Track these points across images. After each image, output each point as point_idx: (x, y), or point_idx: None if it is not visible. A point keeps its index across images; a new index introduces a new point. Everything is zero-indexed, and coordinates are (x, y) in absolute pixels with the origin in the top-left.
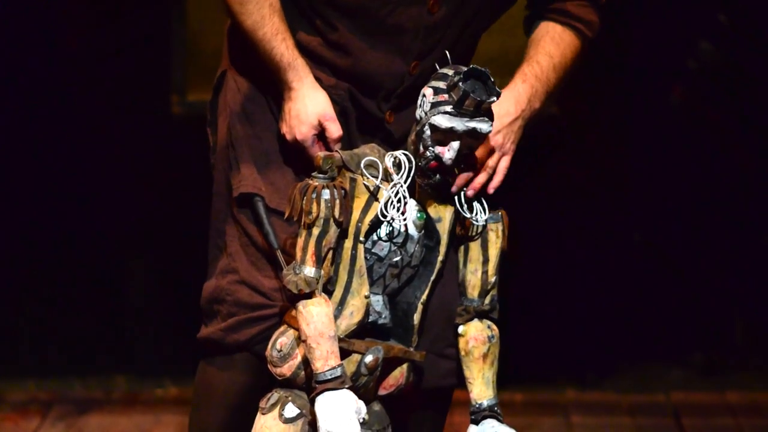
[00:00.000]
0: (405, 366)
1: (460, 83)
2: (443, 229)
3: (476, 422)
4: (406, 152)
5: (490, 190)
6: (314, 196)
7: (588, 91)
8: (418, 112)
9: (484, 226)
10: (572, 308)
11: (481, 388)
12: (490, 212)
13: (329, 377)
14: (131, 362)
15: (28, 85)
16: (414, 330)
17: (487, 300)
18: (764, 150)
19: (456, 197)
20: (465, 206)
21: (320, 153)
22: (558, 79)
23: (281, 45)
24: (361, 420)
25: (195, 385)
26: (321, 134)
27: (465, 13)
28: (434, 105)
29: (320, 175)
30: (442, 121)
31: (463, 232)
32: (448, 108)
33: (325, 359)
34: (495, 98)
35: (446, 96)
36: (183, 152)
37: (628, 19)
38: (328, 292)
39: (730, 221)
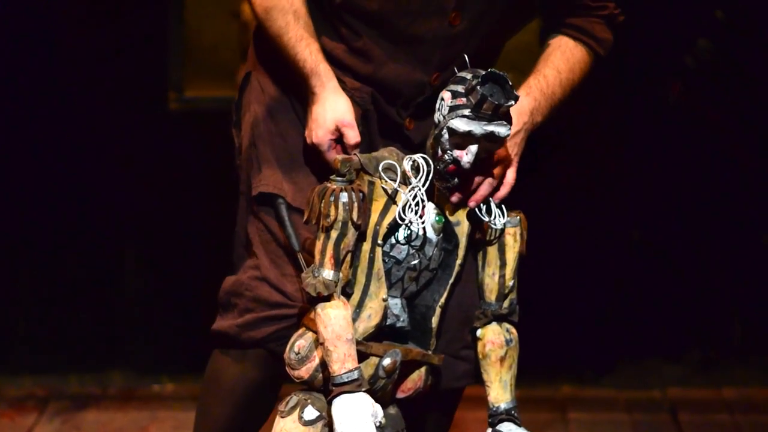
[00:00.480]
0: (423, 369)
1: (478, 87)
2: (461, 232)
3: (493, 425)
4: (425, 155)
5: (495, 200)
6: (332, 199)
7: (586, 89)
8: (437, 116)
9: (502, 230)
10: (569, 305)
11: (498, 392)
12: (508, 215)
13: (346, 380)
14: (127, 358)
15: (26, 83)
16: (432, 333)
17: (506, 304)
18: (762, 148)
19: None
20: (483, 209)
21: (338, 156)
22: (563, 95)
23: (305, 51)
24: (378, 423)
25: (205, 376)
26: (339, 139)
27: (486, 25)
28: (452, 108)
29: (339, 178)
30: (460, 124)
31: (481, 236)
32: (467, 111)
33: (342, 362)
34: (513, 102)
35: (464, 99)
36: (181, 149)
37: (625, 16)
38: (347, 294)
39: (728, 218)
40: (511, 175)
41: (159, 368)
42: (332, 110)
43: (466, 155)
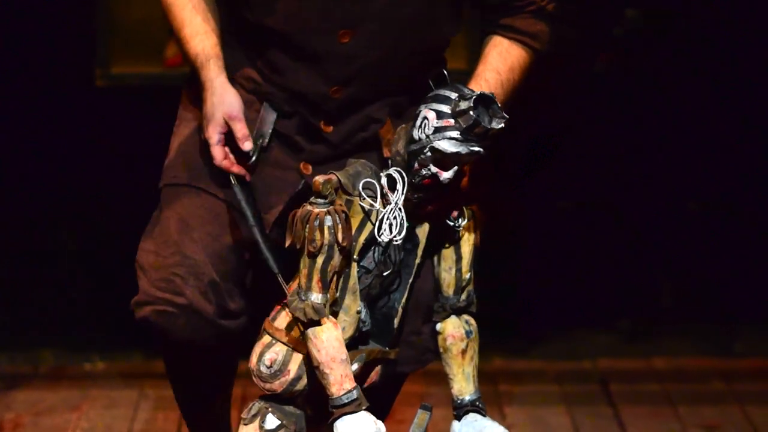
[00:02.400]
0: (379, 366)
1: (471, 111)
2: (423, 232)
3: (458, 417)
4: (398, 169)
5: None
6: (317, 223)
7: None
8: (417, 133)
9: (457, 227)
10: (497, 277)
11: (461, 384)
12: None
13: (346, 401)
14: (58, 337)
15: None
16: (393, 332)
17: (463, 296)
18: (687, 115)
19: None
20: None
21: (318, 178)
22: (506, 95)
23: (198, 45)
24: None
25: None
26: (230, 133)
27: (384, 43)
28: (438, 129)
29: (320, 200)
30: (448, 146)
31: (440, 237)
32: (455, 134)
33: (340, 384)
34: (504, 123)
35: (452, 122)
36: (107, 125)
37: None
38: (334, 313)
39: (655, 186)
40: (466, 180)
41: (90, 347)
42: (220, 104)
43: (446, 173)
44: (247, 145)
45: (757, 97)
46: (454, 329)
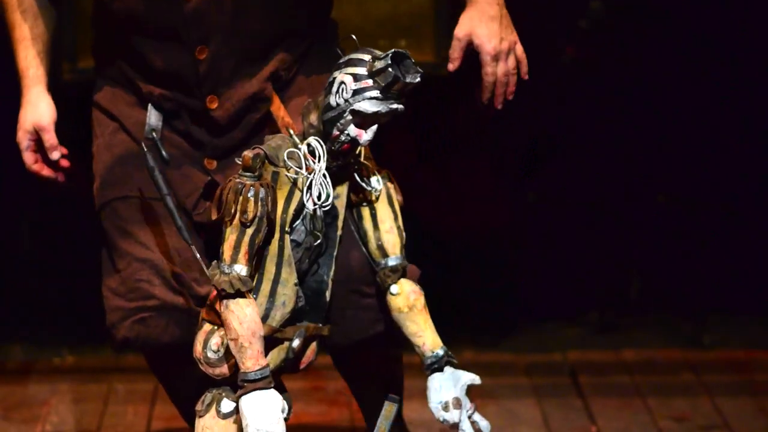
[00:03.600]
0: (314, 342)
1: (389, 68)
2: (341, 204)
3: (435, 371)
4: (317, 138)
5: (524, 76)
6: (251, 195)
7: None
8: (334, 99)
9: (376, 189)
10: (466, 269)
11: (433, 338)
12: (378, 174)
13: (259, 377)
14: (27, 331)
15: None
16: (325, 307)
17: (404, 253)
18: (657, 106)
19: (355, 173)
20: (361, 178)
21: (247, 152)
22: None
23: (21, 53)
24: (285, 417)
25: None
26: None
27: None
28: (357, 92)
29: (249, 174)
30: (369, 106)
31: (359, 198)
32: (375, 93)
33: (256, 359)
34: (419, 78)
35: (370, 82)
36: (74, 119)
37: None
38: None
39: (624, 178)
40: (519, 48)
41: (59, 341)
42: (32, 113)
43: (366, 134)
44: (55, 154)
45: (726, 89)
46: (411, 286)
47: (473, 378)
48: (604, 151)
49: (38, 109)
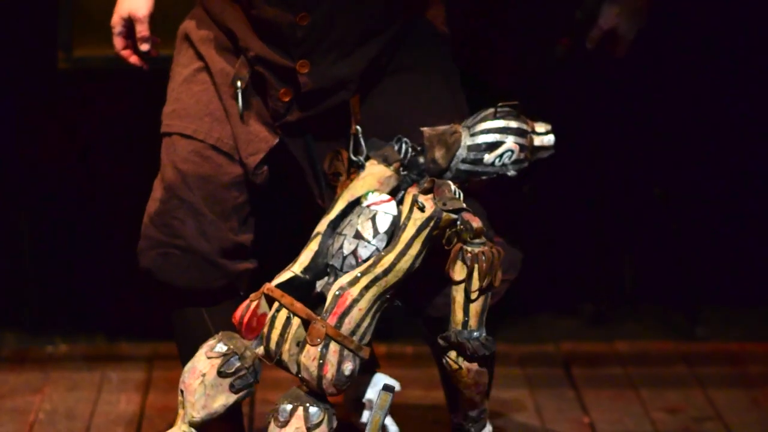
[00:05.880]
0: None
1: (553, 149)
2: None
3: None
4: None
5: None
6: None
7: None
8: (494, 160)
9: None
10: None
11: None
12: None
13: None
14: (20, 320)
15: None
16: None
17: None
18: (653, 98)
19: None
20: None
21: (478, 224)
22: None
23: None
24: None
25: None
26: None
27: None
28: (517, 162)
29: (476, 241)
30: (513, 173)
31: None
32: (526, 165)
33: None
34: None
35: (527, 154)
36: (70, 108)
37: None
38: None
39: (618, 170)
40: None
41: (52, 329)
42: (130, 2)
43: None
44: (144, 46)
45: (720, 82)
46: None
47: (392, 382)
48: (600, 143)
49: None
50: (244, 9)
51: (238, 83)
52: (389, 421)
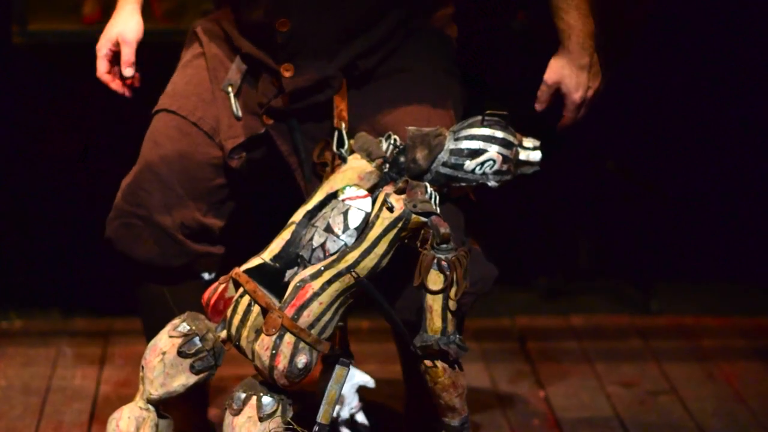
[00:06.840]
0: None
1: (538, 166)
2: None
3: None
4: (432, 188)
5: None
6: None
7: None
8: (476, 167)
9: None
10: None
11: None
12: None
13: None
14: None
15: None
16: None
17: None
18: (609, 72)
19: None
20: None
21: (445, 229)
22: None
23: None
24: None
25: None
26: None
27: None
28: (499, 173)
29: (448, 246)
30: (496, 185)
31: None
32: (509, 177)
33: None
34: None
35: (510, 167)
36: (25, 82)
37: None
38: None
39: (574, 145)
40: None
41: (7, 305)
42: (120, 25)
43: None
44: (128, 71)
45: (677, 56)
46: None
47: (366, 380)
48: (554, 117)
49: (127, 23)
50: (233, 12)
51: (229, 88)
52: (361, 417)
